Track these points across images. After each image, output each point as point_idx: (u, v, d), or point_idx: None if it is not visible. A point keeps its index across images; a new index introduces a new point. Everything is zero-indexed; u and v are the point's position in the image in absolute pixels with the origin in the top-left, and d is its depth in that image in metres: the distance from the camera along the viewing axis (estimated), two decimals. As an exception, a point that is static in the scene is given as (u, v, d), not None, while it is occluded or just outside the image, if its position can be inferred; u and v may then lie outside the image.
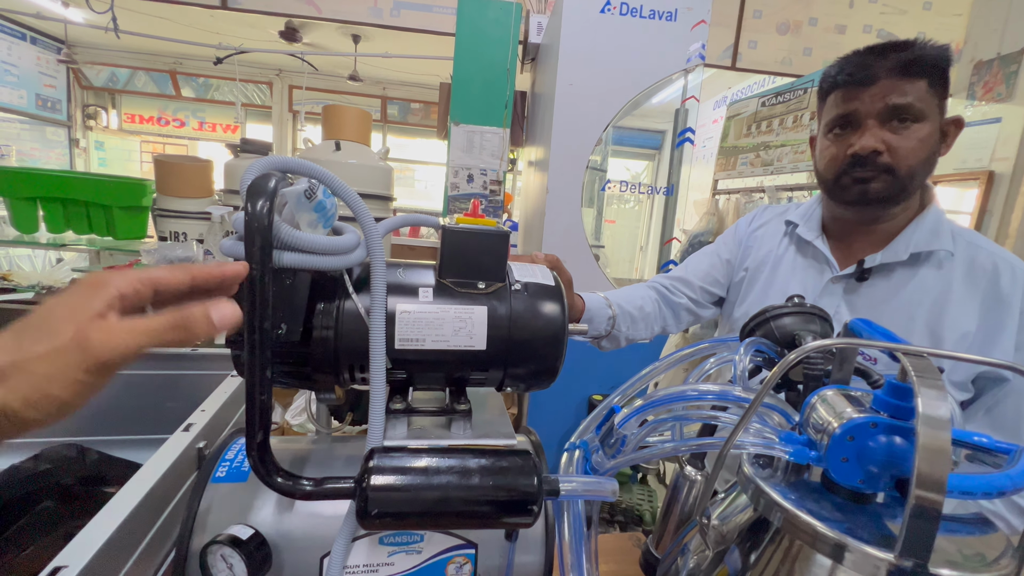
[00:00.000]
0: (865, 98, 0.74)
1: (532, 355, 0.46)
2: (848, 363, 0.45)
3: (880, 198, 0.76)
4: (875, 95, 0.73)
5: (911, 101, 0.72)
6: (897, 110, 0.72)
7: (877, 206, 0.78)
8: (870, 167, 0.75)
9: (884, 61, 0.73)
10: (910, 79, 0.72)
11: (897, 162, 0.73)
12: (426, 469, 0.38)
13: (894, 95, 0.72)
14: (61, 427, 0.89)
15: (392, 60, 4.52)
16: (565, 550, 0.43)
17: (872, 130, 0.74)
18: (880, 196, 0.76)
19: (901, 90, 0.72)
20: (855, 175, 0.76)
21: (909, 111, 0.72)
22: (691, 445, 0.43)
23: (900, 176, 0.74)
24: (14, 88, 4.61)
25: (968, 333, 0.73)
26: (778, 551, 0.36)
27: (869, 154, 0.74)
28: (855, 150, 0.75)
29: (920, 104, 0.72)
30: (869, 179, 0.75)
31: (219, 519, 0.42)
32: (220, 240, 0.36)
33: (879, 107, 0.73)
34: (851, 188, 0.78)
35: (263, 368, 0.35)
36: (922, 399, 0.29)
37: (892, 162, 0.73)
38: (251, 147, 2.13)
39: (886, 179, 0.75)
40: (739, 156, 2.93)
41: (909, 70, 0.72)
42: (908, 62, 0.71)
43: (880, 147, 0.73)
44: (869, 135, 0.74)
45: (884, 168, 0.74)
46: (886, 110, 0.73)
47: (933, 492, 0.28)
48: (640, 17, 1.87)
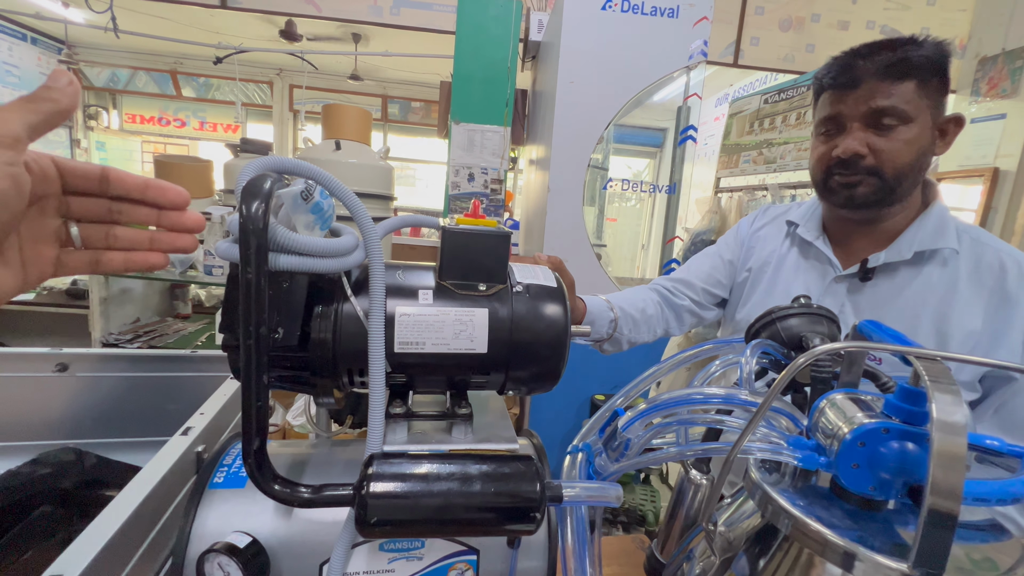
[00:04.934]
0: (849, 101, 0.74)
1: (534, 358, 0.45)
2: (857, 366, 0.44)
3: (867, 202, 0.76)
4: (859, 98, 0.73)
5: (895, 103, 0.71)
6: (881, 113, 0.72)
7: (865, 210, 0.78)
8: (853, 170, 0.75)
9: (868, 63, 0.72)
10: (895, 81, 0.71)
11: (882, 164, 0.73)
12: (426, 476, 0.37)
13: (877, 98, 0.72)
14: (59, 430, 0.89)
15: (393, 59, 4.51)
16: (568, 555, 0.43)
17: (855, 133, 0.74)
18: (867, 200, 0.76)
19: (885, 92, 0.71)
20: (839, 179, 0.77)
21: (894, 113, 0.71)
22: (697, 450, 0.43)
23: (887, 179, 0.74)
24: (16, 89, 4.61)
25: (974, 332, 0.72)
26: (786, 559, 0.35)
27: (851, 157, 0.74)
28: (838, 153, 0.75)
29: (906, 106, 0.71)
30: (855, 183, 0.75)
31: (216, 526, 0.42)
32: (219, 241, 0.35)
33: (863, 110, 0.73)
34: (838, 192, 0.78)
35: (259, 373, 0.34)
36: (937, 404, 0.28)
37: (877, 164, 0.73)
38: (251, 147, 2.12)
39: (872, 182, 0.74)
40: (741, 154, 2.92)
41: (893, 72, 0.71)
42: (892, 64, 0.71)
43: (862, 150, 0.73)
44: (852, 138, 0.74)
45: (868, 171, 0.74)
46: (869, 113, 0.73)
47: (949, 500, 0.27)
48: (641, 14, 1.85)
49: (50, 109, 0.30)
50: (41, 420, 0.88)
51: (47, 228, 0.34)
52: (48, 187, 0.33)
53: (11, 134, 0.29)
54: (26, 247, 0.33)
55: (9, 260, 0.32)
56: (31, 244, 0.33)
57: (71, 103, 0.31)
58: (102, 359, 0.91)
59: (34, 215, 0.33)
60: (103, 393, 0.91)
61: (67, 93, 0.31)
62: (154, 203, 0.37)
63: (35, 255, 0.33)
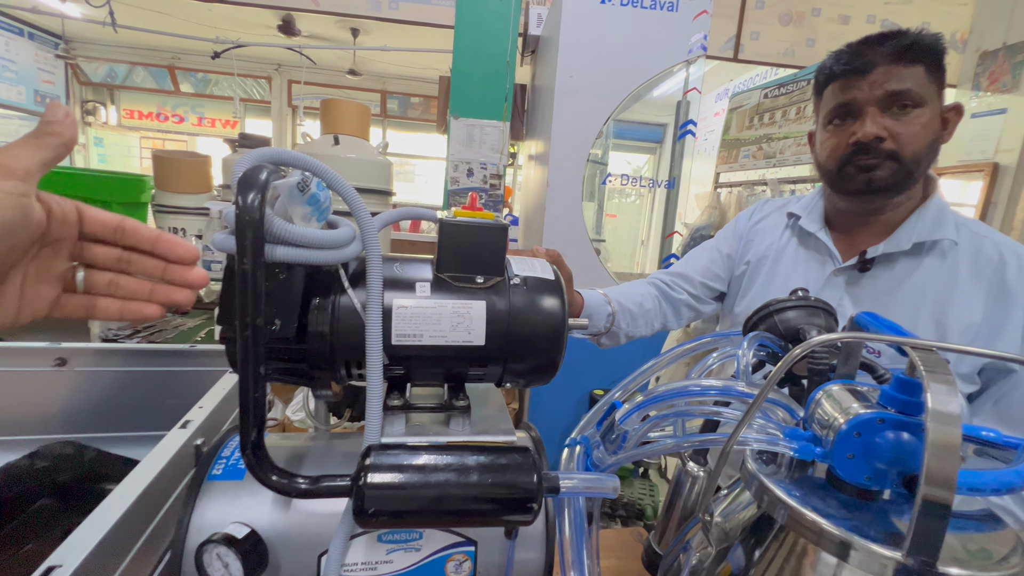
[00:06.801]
0: (864, 86, 0.74)
1: (532, 350, 0.45)
2: (854, 357, 0.44)
3: (886, 186, 0.75)
4: (874, 82, 0.73)
5: (910, 86, 0.72)
6: (897, 96, 0.72)
7: (882, 195, 0.77)
8: (873, 154, 0.74)
9: (880, 48, 0.72)
10: (908, 65, 0.72)
11: (901, 148, 0.73)
12: (424, 467, 0.37)
13: (893, 81, 0.72)
14: (58, 424, 0.89)
15: (391, 54, 4.49)
16: (566, 546, 0.43)
17: (873, 117, 0.74)
18: (886, 184, 0.75)
19: (900, 76, 0.72)
20: (859, 163, 0.76)
21: (909, 96, 0.72)
22: (693, 441, 0.43)
23: (905, 162, 0.73)
24: (13, 84, 4.60)
25: (973, 324, 0.72)
26: (782, 549, 0.35)
27: (872, 140, 0.73)
28: (858, 138, 0.74)
29: (919, 89, 0.72)
30: (874, 167, 0.75)
31: (215, 517, 0.42)
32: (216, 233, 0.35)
33: (878, 94, 0.73)
34: (855, 177, 0.77)
35: (256, 365, 0.34)
36: (932, 394, 0.28)
37: (896, 148, 0.73)
38: (249, 142, 2.12)
39: (891, 166, 0.74)
40: (741, 149, 2.91)
41: (906, 56, 0.72)
42: (904, 48, 0.71)
43: (883, 133, 0.73)
44: (871, 122, 0.73)
45: (888, 155, 0.73)
46: (886, 96, 0.73)
47: (942, 489, 0.27)
48: (641, 8, 1.85)
49: (56, 142, 0.32)
50: (40, 414, 0.88)
51: (54, 270, 0.34)
52: (66, 231, 0.34)
53: (22, 167, 0.30)
54: (28, 285, 0.33)
55: (8, 296, 0.32)
56: (34, 283, 0.33)
57: (72, 134, 0.32)
58: (101, 353, 0.91)
59: (46, 256, 0.34)
60: (102, 387, 0.91)
61: (67, 125, 0.32)
62: (163, 256, 0.37)
63: (35, 294, 0.33)
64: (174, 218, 2.13)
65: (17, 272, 0.32)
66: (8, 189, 0.29)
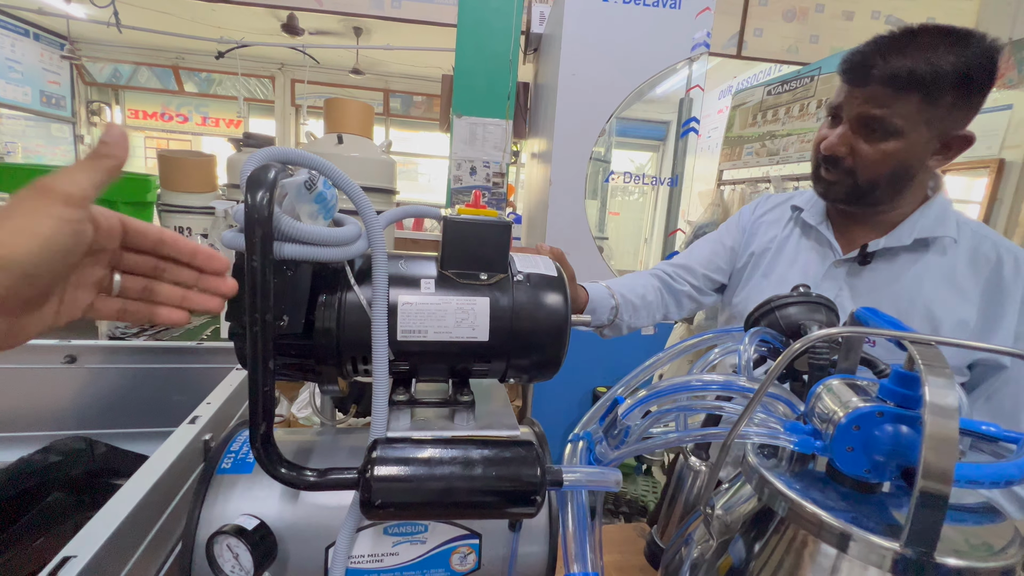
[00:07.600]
0: (850, 98, 0.73)
1: (535, 346, 0.46)
2: (854, 352, 0.44)
3: (837, 198, 0.78)
4: (856, 99, 0.71)
5: (886, 116, 0.68)
6: (870, 120, 0.70)
7: (839, 204, 0.80)
8: (832, 167, 0.76)
9: (883, 64, 0.68)
10: (897, 91, 0.67)
11: (858, 169, 0.73)
12: (429, 460, 0.38)
13: (872, 106, 0.69)
14: (70, 420, 0.90)
15: (394, 53, 4.49)
16: (569, 540, 0.43)
17: (843, 132, 0.74)
18: (838, 197, 0.78)
19: (883, 101, 0.68)
20: (821, 171, 0.78)
21: (880, 126, 0.69)
22: (695, 435, 0.43)
23: (859, 183, 0.74)
24: (19, 85, 4.63)
25: (966, 320, 0.72)
26: (782, 541, 0.36)
27: (831, 154, 0.75)
28: (823, 146, 0.76)
29: (899, 120, 0.68)
30: (832, 181, 0.77)
31: (225, 510, 0.43)
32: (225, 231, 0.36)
33: (856, 112, 0.72)
34: (819, 181, 0.80)
35: (265, 360, 0.35)
36: (930, 388, 0.29)
37: (854, 167, 0.74)
38: (254, 141, 2.13)
39: (847, 183, 0.75)
40: (744, 146, 2.90)
41: (899, 82, 0.67)
42: (901, 74, 0.66)
43: (840, 152, 0.74)
44: (837, 137, 0.74)
45: (847, 171, 0.75)
46: (858, 117, 0.71)
47: (939, 482, 0.28)
48: (644, 5, 1.84)
49: (111, 165, 0.32)
50: (51, 410, 0.89)
51: (93, 276, 0.35)
52: (109, 242, 0.35)
53: (79, 193, 0.30)
54: (68, 292, 0.34)
55: (50, 303, 0.33)
56: (72, 290, 0.34)
57: (125, 155, 0.33)
58: (110, 351, 0.93)
59: (87, 264, 0.34)
60: (111, 384, 0.92)
61: (122, 146, 0.33)
62: (199, 268, 0.38)
63: (72, 300, 0.34)
64: (179, 217, 2.14)
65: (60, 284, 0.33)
66: (67, 217, 0.30)
